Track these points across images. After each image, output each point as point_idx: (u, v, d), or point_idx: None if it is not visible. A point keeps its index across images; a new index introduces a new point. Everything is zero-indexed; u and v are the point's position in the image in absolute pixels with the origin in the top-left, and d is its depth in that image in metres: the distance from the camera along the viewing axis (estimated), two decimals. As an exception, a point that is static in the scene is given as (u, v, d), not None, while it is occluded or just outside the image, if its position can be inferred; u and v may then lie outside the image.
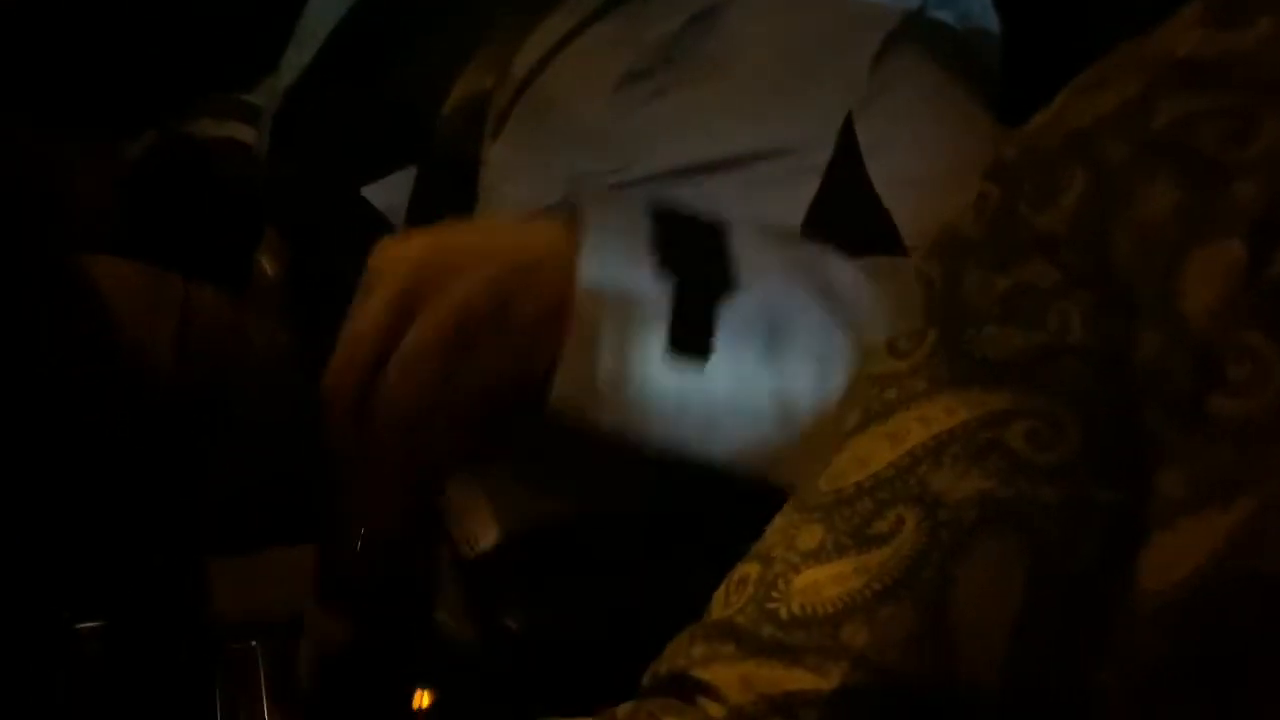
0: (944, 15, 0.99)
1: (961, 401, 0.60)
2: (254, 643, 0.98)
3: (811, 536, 0.60)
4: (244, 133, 1.23)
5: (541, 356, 0.80)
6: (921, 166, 0.92)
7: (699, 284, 0.81)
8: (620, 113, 0.95)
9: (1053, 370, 0.59)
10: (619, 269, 0.81)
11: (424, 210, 0.98)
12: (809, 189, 0.92)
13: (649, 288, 0.81)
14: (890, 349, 0.63)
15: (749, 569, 0.61)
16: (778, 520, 0.62)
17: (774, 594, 0.59)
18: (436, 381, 0.79)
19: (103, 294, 1.11)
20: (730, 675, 0.59)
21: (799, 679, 0.58)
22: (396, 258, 0.82)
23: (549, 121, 0.97)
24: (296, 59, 1.13)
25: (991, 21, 1.02)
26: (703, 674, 0.60)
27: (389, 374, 0.79)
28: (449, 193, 0.97)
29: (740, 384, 0.81)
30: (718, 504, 0.82)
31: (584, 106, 0.96)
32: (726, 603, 0.61)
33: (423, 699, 0.91)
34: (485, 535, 0.90)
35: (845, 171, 0.92)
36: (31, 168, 1.15)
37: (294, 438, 1.05)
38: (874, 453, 0.60)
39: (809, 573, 0.59)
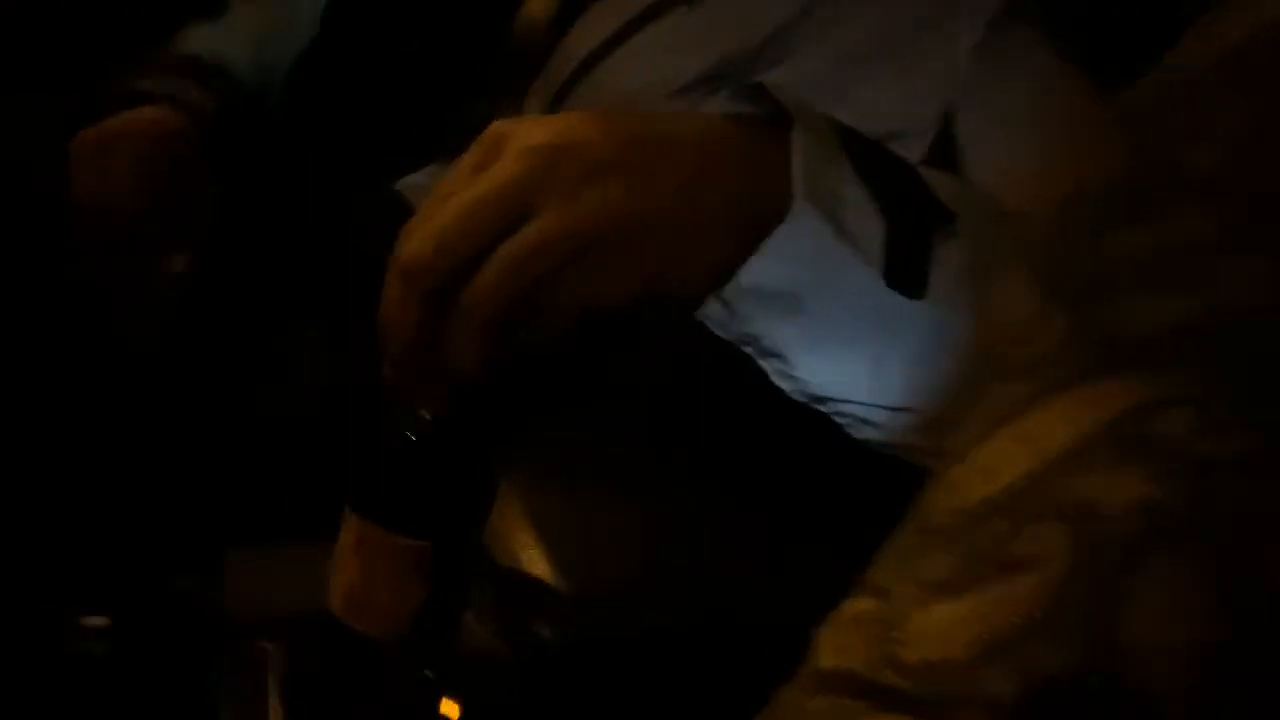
0: None
1: (1106, 392, 0.51)
2: (266, 643, 0.94)
3: (935, 565, 0.52)
4: (192, 92, 1.18)
5: (692, 266, 0.72)
6: (1020, 168, 0.84)
7: (914, 216, 0.74)
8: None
9: (1218, 342, 0.51)
10: (831, 183, 0.73)
11: None
12: None
13: (861, 205, 0.73)
14: (1011, 338, 0.55)
15: (862, 605, 0.53)
16: (890, 546, 0.54)
17: (896, 635, 0.51)
18: (540, 289, 0.70)
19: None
20: None
21: None
22: (533, 135, 0.72)
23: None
24: (289, 42, 1.10)
25: None
26: None
27: (490, 265, 0.70)
28: None
29: (932, 334, 0.73)
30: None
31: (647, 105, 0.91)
32: (838, 647, 0.53)
33: (451, 710, 0.86)
34: (531, 563, 0.84)
35: (940, 167, 0.85)
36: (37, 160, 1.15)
37: (320, 425, 1.04)
38: (1004, 462, 0.52)
39: (937, 609, 0.51)
